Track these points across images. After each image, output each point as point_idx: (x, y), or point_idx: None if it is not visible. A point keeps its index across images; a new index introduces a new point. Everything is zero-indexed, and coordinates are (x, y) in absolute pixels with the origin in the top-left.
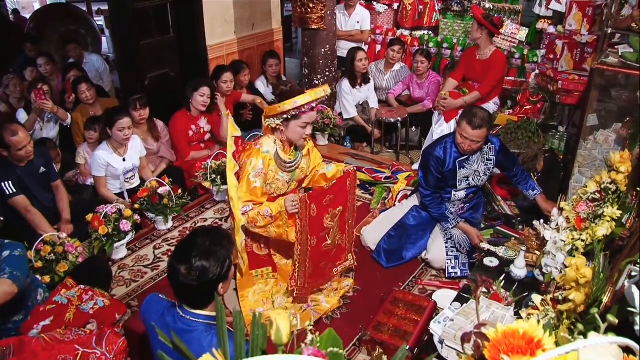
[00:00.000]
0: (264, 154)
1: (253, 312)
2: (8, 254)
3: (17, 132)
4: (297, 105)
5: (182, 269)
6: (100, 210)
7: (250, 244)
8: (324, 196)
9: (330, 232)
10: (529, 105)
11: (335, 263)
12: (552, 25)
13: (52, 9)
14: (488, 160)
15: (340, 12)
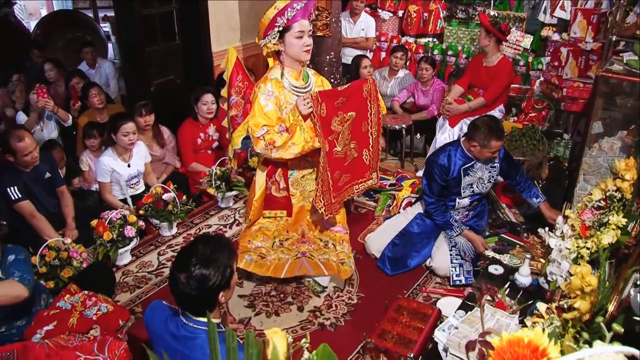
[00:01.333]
0: (271, 79)
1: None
2: (14, 258)
3: (24, 138)
4: (280, 9)
5: (182, 277)
6: (104, 216)
7: (269, 186)
8: (336, 97)
9: (339, 138)
10: (534, 113)
11: (356, 180)
12: (557, 32)
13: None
14: (492, 167)
15: (346, 19)
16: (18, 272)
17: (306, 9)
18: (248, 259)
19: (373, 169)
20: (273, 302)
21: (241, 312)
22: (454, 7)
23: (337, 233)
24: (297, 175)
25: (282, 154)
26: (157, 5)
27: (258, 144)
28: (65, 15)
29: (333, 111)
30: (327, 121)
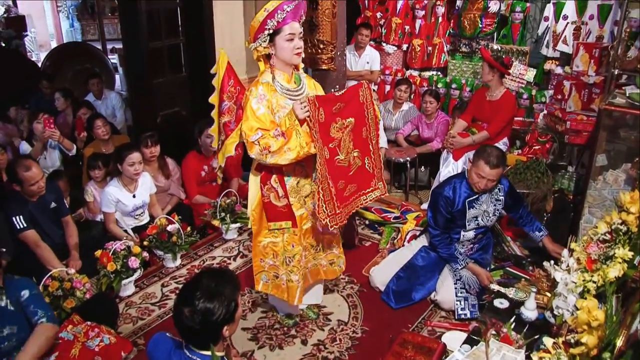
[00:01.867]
0: (262, 82)
1: None
2: (29, 294)
3: (31, 168)
4: (270, 11)
5: (186, 311)
6: (109, 247)
7: (266, 194)
8: (333, 102)
9: (340, 145)
10: (538, 146)
11: (362, 191)
12: (560, 66)
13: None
14: (497, 200)
15: (350, 52)
16: (42, 312)
17: (297, 11)
18: (265, 280)
19: (378, 178)
20: (277, 335)
21: (244, 345)
22: (457, 41)
23: (327, 235)
24: (292, 182)
25: (277, 159)
26: (164, 39)
27: (253, 149)
28: (74, 47)
29: (331, 117)
30: (325, 127)
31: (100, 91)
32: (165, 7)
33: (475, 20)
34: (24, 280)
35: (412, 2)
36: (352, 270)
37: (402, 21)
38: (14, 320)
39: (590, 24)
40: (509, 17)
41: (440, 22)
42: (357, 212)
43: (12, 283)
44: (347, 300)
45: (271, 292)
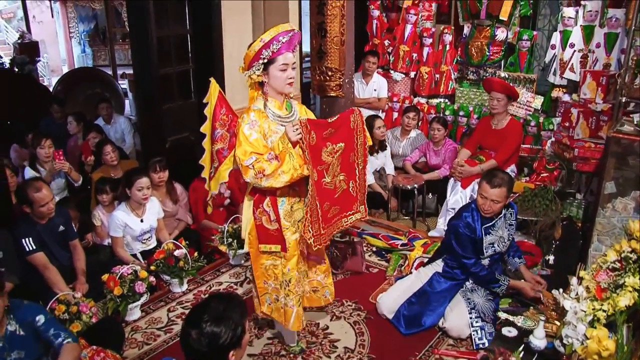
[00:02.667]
0: (254, 109)
1: None
2: (44, 319)
3: (41, 189)
4: (265, 42)
5: (193, 333)
6: (116, 271)
7: (259, 217)
8: (325, 128)
9: (329, 169)
10: (546, 173)
11: (344, 213)
12: (567, 93)
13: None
14: (510, 225)
15: (358, 80)
16: (64, 333)
17: (291, 42)
18: (268, 302)
19: (360, 201)
20: None
21: None
22: (465, 68)
23: (311, 260)
24: (287, 207)
25: (272, 182)
26: (174, 64)
27: (247, 173)
28: (85, 72)
29: (322, 141)
30: (316, 150)
31: (109, 116)
32: (176, 34)
33: (483, 48)
34: (35, 306)
35: (420, 30)
36: (359, 297)
37: (409, 49)
38: (22, 344)
39: (597, 52)
40: (516, 45)
41: (448, 49)
42: (364, 238)
43: (22, 308)
44: (354, 327)
45: (273, 315)
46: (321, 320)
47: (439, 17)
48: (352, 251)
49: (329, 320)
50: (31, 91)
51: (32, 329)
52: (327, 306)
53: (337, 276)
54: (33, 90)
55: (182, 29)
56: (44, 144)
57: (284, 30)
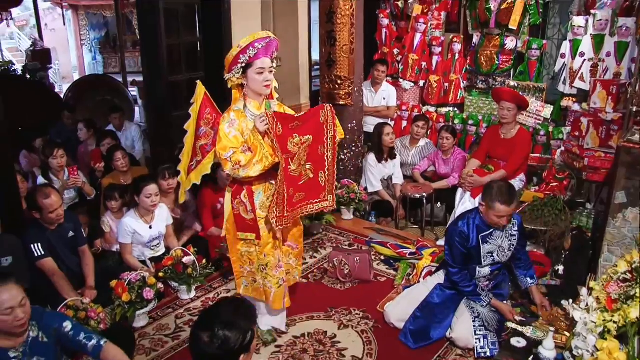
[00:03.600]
0: (234, 110)
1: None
2: (71, 325)
3: (50, 195)
4: (242, 48)
5: (205, 336)
6: (124, 277)
7: (236, 207)
8: (291, 120)
9: (294, 158)
10: (555, 182)
11: (310, 200)
12: (577, 102)
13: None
14: (512, 235)
15: (367, 88)
16: (95, 335)
17: (268, 48)
18: (245, 284)
19: (329, 191)
20: None
21: None
22: (474, 77)
23: (286, 247)
24: (262, 199)
25: (248, 172)
26: (184, 72)
27: (226, 165)
28: (96, 79)
29: (288, 132)
30: (283, 140)
31: (121, 124)
32: (186, 42)
33: (492, 57)
34: (58, 313)
35: (429, 38)
36: (367, 306)
37: (419, 58)
38: (44, 351)
39: (607, 61)
40: (526, 54)
41: (457, 58)
42: (372, 247)
43: (44, 316)
44: (362, 336)
45: (251, 295)
46: (329, 329)
47: (448, 26)
48: (360, 260)
49: (337, 328)
50: (42, 98)
51: (56, 335)
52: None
53: (345, 285)
54: (44, 97)
55: (192, 36)
56: (56, 154)
57: (259, 37)
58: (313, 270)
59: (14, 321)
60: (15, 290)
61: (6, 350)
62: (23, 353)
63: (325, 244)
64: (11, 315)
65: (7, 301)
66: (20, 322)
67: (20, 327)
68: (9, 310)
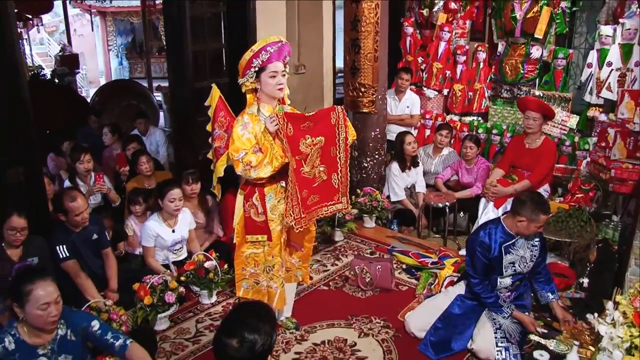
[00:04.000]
0: (248, 113)
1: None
2: (99, 324)
3: (76, 198)
4: (255, 52)
5: (234, 342)
6: (146, 280)
7: (248, 209)
8: (302, 120)
9: (307, 159)
10: (581, 194)
11: (325, 203)
12: (604, 113)
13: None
14: (533, 246)
15: (391, 96)
16: (122, 335)
17: (280, 52)
18: (245, 287)
19: (342, 193)
20: None
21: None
22: (498, 86)
23: (291, 247)
24: (274, 201)
25: (259, 172)
26: (209, 77)
27: (238, 166)
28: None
29: (300, 133)
30: (294, 141)
31: (146, 130)
32: (211, 49)
33: (517, 66)
34: (86, 313)
35: (454, 47)
36: (388, 314)
37: (443, 66)
38: (71, 349)
39: (635, 71)
40: (552, 63)
41: (482, 67)
42: (394, 255)
43: (72, 315)
44: (382, 345)
45: (252, 297)
46: (349, 337)
47: (473, 35)
48: (381, 268)
49: (357, 337)
50: (70, 102)
51: (84, 334)
52: (299, 285)
53: (366, 293)
54: (72, 101)
55: (217, 43)
56: (83, 158)
57: (271, 42)
58: (334, 277)
59: (47, 317)
60: (52, 287)
61: (35, 347)
62: (51, 350)
63: (347, 252)
64: (46, 310)
65: (45, 297)
66: (53, 318)
67: (52, 324)
68: (45, 305)
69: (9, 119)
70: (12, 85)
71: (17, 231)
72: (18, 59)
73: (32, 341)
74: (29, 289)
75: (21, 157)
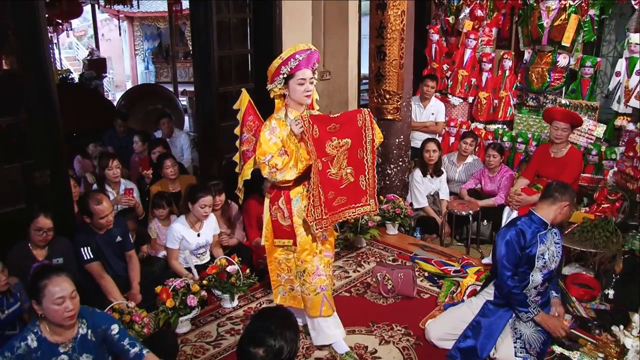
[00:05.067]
0: (276, 118)
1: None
2: (118, 329)
3: (102, 202)
4: (284, 59)
5: (260, 351)
6: (169, 283)
7: (274, 213)
8: (328, 122)
9: (334, 161)
10: (607, 204)
11: (352, 205)
12: (632, 122)
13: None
14: (556, 243)
15: (416, 103)
16: (139, 344)
17: (309, 59)
18: (282, 294)
19: (370, 195)
20: None
21: None
22: (524, 94)
23: (325, 257)
24: (300, 205)
25: (285, 175)
26: (234, 83)
27: (264, 169)
28: (148, 88)
29: (326, 135)
30: (321, 143)
31: (170, 130)
32: (237, 54)
33: (544, 74)
34: (108, 315)
35: (479, 54)
36: (409, 322)
37: (468, 73)
38: (92, 349)
39: None
40: (579, 71)
41: (508, 75)
42: (416, 263)
43: (94, 315)
44: (403, 352)
45: (288, 304)
46: (369, 344)
47: (499, 42)
48: (403, 275)
49: (378, 344)
50: (97, 105)
51: (103, 336)
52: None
53: (388, 300)
54: (99, 105)
55: (243, 48)
56: (112, 164)
57: (301, 49)
58: (356, 284)
59: (64, 311)
60: (66, 283)
61: (57, 345)
62: (72, 349)
63: (369, 258)
64: (62, 305)
65: (59, 291)
66: (69, 313)
67: (69, 319)
68: (60, 299)
69: (37, 122)
70: (42, 88)
71: (44, 231)
72: (48, 64)
73: (53, 339)
74: (44, 284)
75: (48, 160)
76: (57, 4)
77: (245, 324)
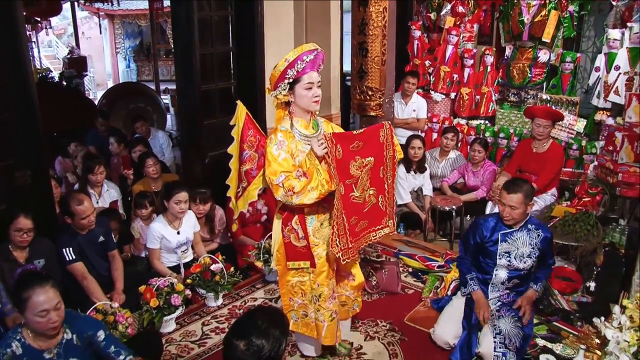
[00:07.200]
0: (281, 130)
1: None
2: (104, 335)
3: (83, 202)
4: (290, 62)
5: (241, 344)
6: (152, 283)
7: (287, 234)
8: (351, 140)
9: (357, 183)
10: (588, 197)
11: (372, 227)
12: (611, 117)
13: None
14: (533, 246)
15: (397, 100)
16: (125, 352)
17: (315, 61)
18: (294, 319)
19: (389, 216)
20: None
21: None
22: (506, 90)
23: (341, 276)
24: (316, 224)
25: (302, 199)
26: (216, 81)
27: (278, 192)
28: (129, 86)
29: (349, 155)
30: (344, 164)
31: (147, 131)
32: (219, 52)
33: (525, 69)
34: (94, 320)
35: (461, 51)
36: (394, 318)
37: (450, 70)
38: (78, 354)
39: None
40: (559, 67)
41: (489, 71)
42: (400, 259)
43: (79, 319)
44: (388, 348)
45: (300, 331)
46: (355, 340)
47: (481, 38)
48: (387, 271)
49: (363, 340)
50: (77, 104)
51: (89, 342)
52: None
53: (372, 296)
54: (79, 104)
55: (225, 46)
56: (97, 170)
57: (307, 50)
58: None
59: (47, 323)
60: (52, 293)
61: (42, 351)
62: (57, 355)
63: None
64: (45, 317)
65: (44, 303)
66: (53, 324)
67: (53, 330)
68: (44, 312)
69: (17, 121)
70: (20, 87)
71: (24, 232)
72: (26, 62)
73: (37, 345)
74: (27, 296)
75: (28, 159)
76: (36, 2)
77: (230, 322)
